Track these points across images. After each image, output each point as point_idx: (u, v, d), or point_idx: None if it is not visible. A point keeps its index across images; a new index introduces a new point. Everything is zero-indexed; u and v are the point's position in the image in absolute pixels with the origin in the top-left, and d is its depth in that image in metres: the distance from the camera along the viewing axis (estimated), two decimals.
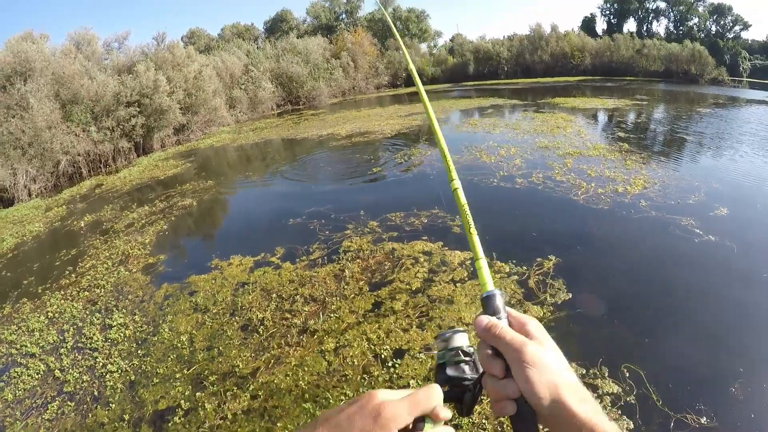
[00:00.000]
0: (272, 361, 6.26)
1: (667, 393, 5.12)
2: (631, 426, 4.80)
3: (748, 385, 5.12)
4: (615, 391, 5.18)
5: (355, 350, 6.32)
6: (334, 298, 7.41)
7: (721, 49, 46.65)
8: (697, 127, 17.87)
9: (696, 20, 58.33)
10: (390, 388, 4.93)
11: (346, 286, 7.70)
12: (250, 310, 7.30)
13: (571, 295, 6.91)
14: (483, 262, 1.20)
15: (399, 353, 6.22)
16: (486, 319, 0.99)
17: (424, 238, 9.10)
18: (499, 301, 1.06)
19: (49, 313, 7.75)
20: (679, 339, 5.95)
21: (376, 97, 42.50)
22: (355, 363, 6.13)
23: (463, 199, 1.37)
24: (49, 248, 10.83)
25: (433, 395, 0.85)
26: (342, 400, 5.61)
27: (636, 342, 5.97)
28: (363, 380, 5.85)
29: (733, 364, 5.47)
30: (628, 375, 5.39)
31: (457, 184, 1.41)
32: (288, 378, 5.95)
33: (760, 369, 5.40)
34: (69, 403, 5.89)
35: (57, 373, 6.40)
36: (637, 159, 13.38)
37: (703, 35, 55.30)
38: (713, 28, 57.25)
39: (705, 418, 4.77)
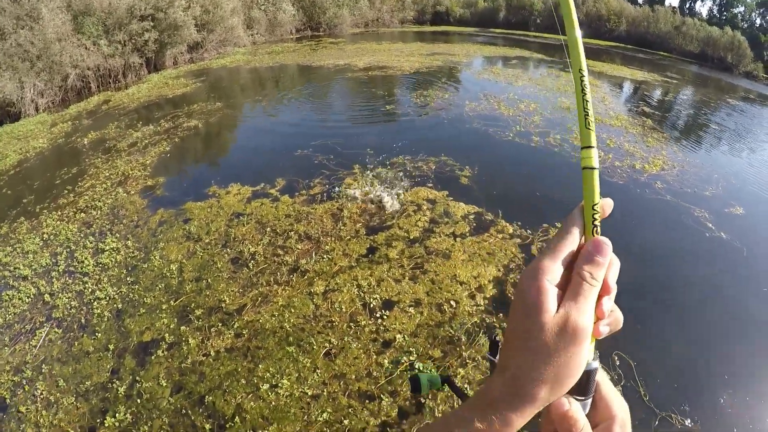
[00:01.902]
0: (260, 299, 6.00)
1: (654, 388, 4.96)
2: None
3: (736, 396, 4.93)
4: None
5: (344, 296, 6.03)
6: (329, 238, 7.08)
7: (761, 43, 43.43)
8: (724, 118, 16.78)
9: (742, 9, 53.99)
10: (375, 341, 4.45)
11: (342, 227, 7.36)
12: (243, 243, 7.01)
13: None
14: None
15: (388, 304, 5.96)
16: (566, 405, 0.68)
17: (429, 185, 8.66)
18: (593, 379, 0.75)
19: (44, 235, 7.53)
20: (674, 335, 5.71)
21: (399, 32, 40.62)
22: (343, 309, 5.85)
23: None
24: (51, 166, 10.52)
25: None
26: (326, 347, 5.37)
27: (630, 330, 5.71)
28: (349, 329, 5.59)
29: (724, 371, 5.26)
30: (618, 363, 5.22)
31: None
32: (273, 318, 5.71)
33: (748, 382, 5.15)
34: (56, 330, 5.75)
35: (47, 297, 6.23)
36: (658, 138, 12.62)
37: (745, 25, 51.25)
38: (758, 21, 53.08)
39: (689, 421, 4.64)
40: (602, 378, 0.78)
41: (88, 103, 15.62)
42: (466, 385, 4.87)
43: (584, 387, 0.76)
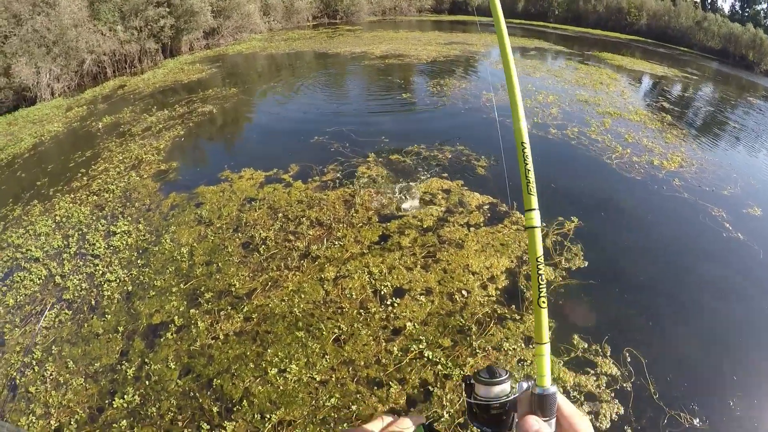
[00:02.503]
0: (269, 283, 5.94)
1: (664, 386, 4.86)
2: (621, 412, 4.57)
3: (745, 398, 4.82)
4: (613, 373, 4.94)
5: (355, 282, 5.95)
6: (341, 225, 7.00)
7: None
8: (744, 117, 16.32)
9: (764, 5, 52.33)
10: (385, 328, 4.35)
11: (355, 214, 7.26)
12: (254, 228, 6.95)
13: (587, 263, 6.45)
14: (547, 348, 1.04)
15: (399, 292, 5.88)
16: (536, 425, 0.89)
17: (444, 175, 8.52)
18: (553, 401, 0.95)
19: (56, 217, 7.54)
20: (686, 333, 5.60)
21: (416, 21, 40.22)
22: (354, 296, 5.78)
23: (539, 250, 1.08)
24: (66, 149, 10.56)
25: None
26: (335, 333, 5.32)
27: (643, 326, 5.63)
28: (359, 315, 5.52)
29: (734, 372, 5.13)
30: (629, 359, 5.12)
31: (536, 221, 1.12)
32: (283, 303, 5.65)
33: (758, 384, 5.04)
34: (66, 311, 5.75)
35: (58, 279, 6.24)
36: (677, 134, 12.30)
37: None
38: None
39: (697, 420, 4.55)
40: (562, 400, 0.95)
41: (103, 87, 15.66)
42: None
43: (547, 409, 0.95)
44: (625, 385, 4.85)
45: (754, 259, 7.07)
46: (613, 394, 4.76)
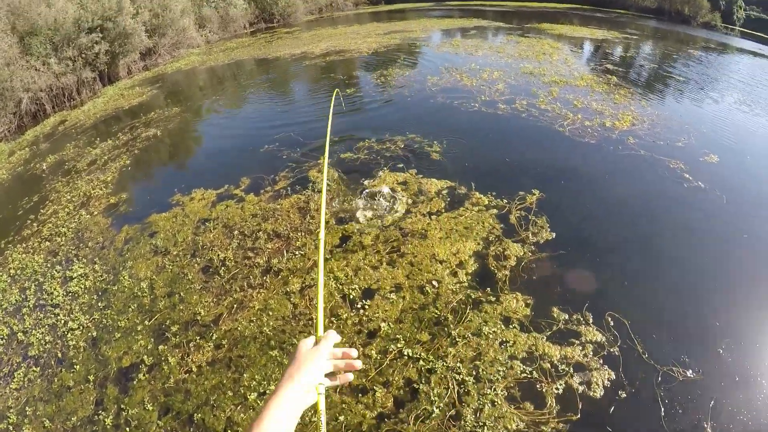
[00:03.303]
0: (235, 305, 5.69)
1: (651, 345, 4.84)
2: (613, 377, 4.52)
3: (734, 344, 4.85)
4: (599, 340, 4.89)
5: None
6: (299, 234, 6.74)
7: None
8: (687, 69, 16.54)
9: None
10: (359, 332, 4.20)
11: (311, 220, 7.01)
12: (212, 250, 6.66)
13: (554, 235, 6.39)
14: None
15: (368, 293, 5.70)
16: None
17: (400, 165, 8.35)
18: None
19: (11, 271, 7.08)
20: (663, 288, 5.60)
21: (354, 14, 39.30)
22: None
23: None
24: (13, 196, 9.96)
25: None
26: None
27: (620, 288, 5.60)
28: (331, 324, 5.29)
29: (716, 319, 5.17)
30: (612, 324, 5.08)
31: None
32: (252, 324, 5.41)
33: (741, 328, 5.09)
34: (34, 368, 5.39)
35: (20, 336, 5.84)
36: (625, 94, 12.34)
37: None
38: None
39: (690, 371, 4.55)
40: None
41: (44, 126, 14.90)
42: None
43: None
44: (612, 350, 4.80)
45: (718, 205, 7.16)
46: (601, 361, 4.71)
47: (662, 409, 4.27)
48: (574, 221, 6.77)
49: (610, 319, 5.15)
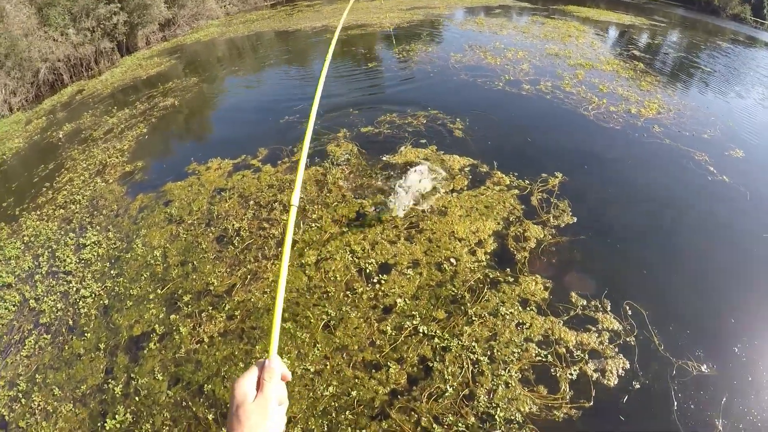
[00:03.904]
0: (248, 276, 5.55)
1: (668, 337, 4.73)
2: (628, 366, 4.43)
3: (750, 344, 4.72)
4: (615, 328, 4.78)
5: (338, 264, 5.58)
6: (316, 206, 6.55)
7: None
8: (714, 61, 15.81)
9: None
10: (374, 308, 3.98)
11: (328, 194, 6.81)
12: (227, 220, 6.52)
13: (576, 219, 6.20)
14: None
15: (385, 268, 5.54)
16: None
17: (423, 141, 8.10)
18: None
19: (25, 238, 7.01)
20: (683, 282, 5.45)
21: None
22: (338, 278, 5.41)
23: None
24: (29, 164, 9.88)
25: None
26: (324, 320, 4.99)
27: (639, 278, 5.44)
28: (346, 298, 5.16)
29: (732, 316, 5.02)
30: (630, 313, 4.95)
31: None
32: (266, 296, 5.29)
33: (758, 326, 4.95)
34: (45, 336, 5.32)
35: (32, 303, 5.76)
36: (652, 81, 11.82)
37: None
38: None
39: (705, 366, 4.44)
40: None
41: (61, 95, 14.81)
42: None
43: None
44: (628, 339, 4.68)
45: (741, 201, 6.90)
46: (617, 350, 4.59)
47: (675, 403, 4.19)
48: (596, 207, 6.56)
49: (627, 308, 5.02)
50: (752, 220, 6.59)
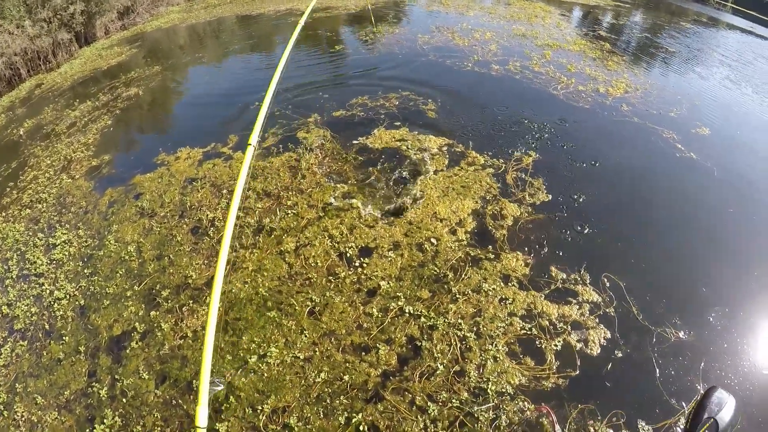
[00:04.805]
0: (227, 267, 5.32)
1: (645, 306, 4.90)
2: (609, 336, 4.55)
3: (722, 312, 4.90)
4: (595, 300, 4.89)
5: (318, 249, 5.44)
6: (290, 192, 6.37)
7: None
8: (678, 42, 15.74)
9: None
10: (358, 291, 3.67)
11: (302, 180, 6.63)
12: (200, 210, 6.28)
13: (550, 197, 6.23)
14: None
15: (366, 252, 5.45)
16: None
17: (397, 123, 7.95)
18: None
19: None
20: (656, 254, 5.60)
21: None
22: (319, 264, 5.27)
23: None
24: None
25: None
26: (308, 306, 4.86)
27: (615, 252, 5.57)
28: (329, 283, 5.03)
29: (704, 285, 5.23)
30: (608, 285, 5.05)
31: None
32: (247, 286, 5.13)
33: (729, 296, 5.11)
34: (21, 342, 5.06)
35: (5, 309, 5.45)
36: (618, 61, 11.72)
37: None
38: None
39: (683, 333, 4.61)
40: None
41: (19, 90, 14.08)
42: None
43: None
44: (608, 310, 4.78)
45: (709, 177, 7.03)
46: (597, 320, 4.68)
47: (657, 370, 4.31)
48: (570, 184, 6.56)
49: (606, 280, 5.11)
50: (719, 196, 6.74)
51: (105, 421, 4.19)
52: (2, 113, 12.04)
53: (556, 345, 4.50)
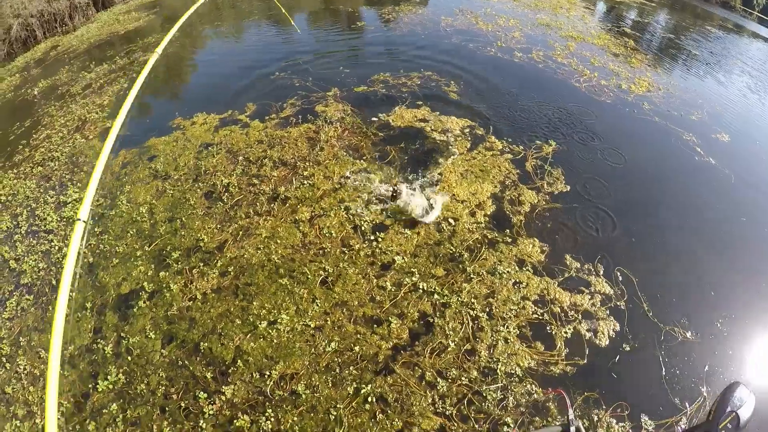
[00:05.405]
0: (240, 232, 5.29)
1: (656, 304, 4.83)
2: (618, 329, 4.52)
3: (729, 319, 4.82)
4: (607, 292, 4.85)
5: (333, 220, 5.33)
6: (307, 163, 6.26)
7: None
8: (702, 46, 15.35)
9: None
10: (372, 264, 3.51)
11: (320, 152, 6.52)
12: (215, 175, 6.17)
13: (569, 188, 6.13)
14: None
15: (381, 227, 5.36)
16: None
17: (419, 102, 7.79)
18: None
19: (2, 197, 6.49)
20: (669, 254, 5.53)
21: None
22: (333, 234, 5.16)
23: None
24: (3, 123, 9.21)
25: None
26: (321, 275, 4.77)
27: (628, 244, 5.50)
28: (342, 254, 4.95)
29: (714, 292, 5.13)
30: (621, 278, 5.00)
31: None
32: (259, 252, 5.04)
33: (735, 305, 5.02)
34: (27, 296, 4.96)
35: (12, 263, 5.34)
36: (642, 59, 11.43)
37: None
38: None
39: (690, 334, 4.61)
40: None
41: (35, 52, 13.90)
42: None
43: None
44: (619, 303, 4.74)
45: (726, 183, 6.91)
46: (608, 312, 4.65)
47: (663, 368, 4.29)
48: (589, 177, 6.46)
49: (618, 274, 5.05)
50: (734, 204, 6.62)
51: (109, 377, 4.13)
52: (17, 73, 11.91)
53: (566, 332, 4.46)
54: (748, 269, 5.55)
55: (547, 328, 4.49)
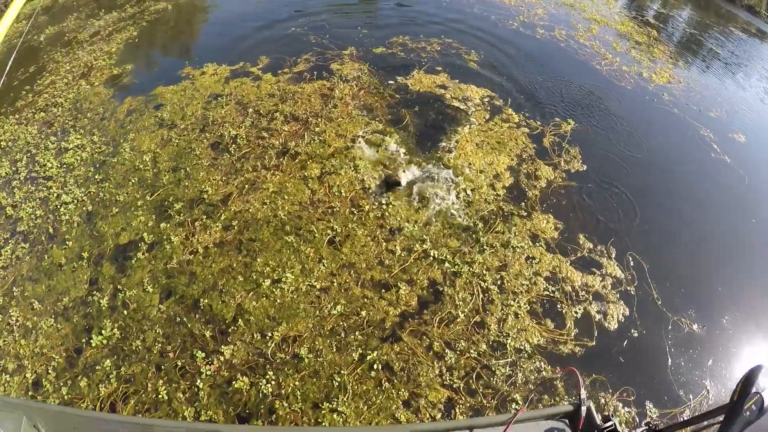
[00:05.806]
0: (246, 186, 5.05)
1: (665, 293, 4.70)
2: (627, 314, 4.41)
3: (735, 317, 4.72)
4: (618, 276, 4.73)
5: (343, 179, 5.07)
6: (319, 120, 5.96)
7: None
8: (724, 45, 14.81)
9: None
10: (381, 227, 3.15)
11: (333, 109, 6.21)
12: (223, 126, 5.90)
13: (585, 167, 5.95)
14: None
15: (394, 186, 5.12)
16: None
17: (438, 68, 7.46)
18: None
19: (2, 142, 6.23)
20: (680, 245, 5.44)
21: None
22: (343, 193, 4.91)
23: None
24: (6, 68, 8.89)
25: None
26: (328, 235, 4.53)
27: (639, 230, 5.36)
28: (351, 215, 4.72)
29: (723, 288, 5.04)
30: (632, 264, 4.87)
31: None
32: (265, 207, 4.82)
33: (742, 301, 4.93)
34: (23, 245, 4.75)
35: (9, 210, 5.12)
36: (664, 50, 11.03)
37: None
38: None
39: (697, 326, 4.50)
40: None
41: None
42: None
43: None
44: (629, 288, 4.62)
45: (740, 183, 6.70)
46: (618, 296, 4.53)
47: (669, 358, 4.20)
48: (604, 159, 6.30)
49: (630, 258, 4.92)
50: (746, 204, 6.45)
51: (103, 332, 3.95)
52: (23, 20, 11.46)
53: (576, 312, 4.32)
54: (755, 270, 5.45)
55: (558, 306, 4.34)
